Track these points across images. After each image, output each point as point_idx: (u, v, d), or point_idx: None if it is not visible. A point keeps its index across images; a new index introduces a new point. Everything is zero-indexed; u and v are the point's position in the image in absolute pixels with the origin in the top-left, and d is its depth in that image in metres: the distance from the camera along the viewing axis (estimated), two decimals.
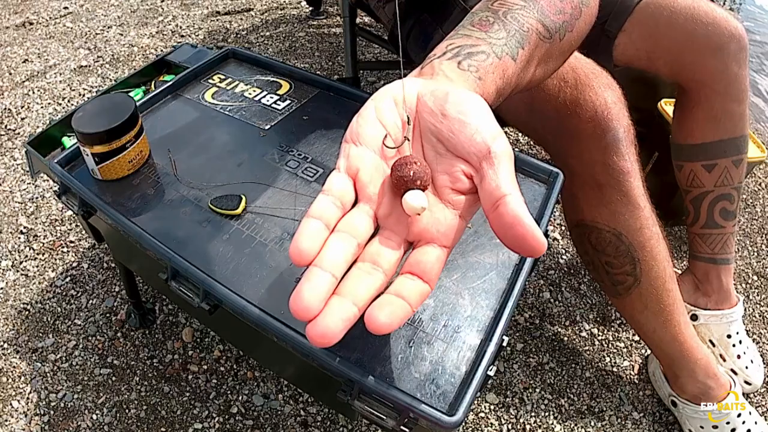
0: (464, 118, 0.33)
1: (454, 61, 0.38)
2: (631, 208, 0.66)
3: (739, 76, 0.78)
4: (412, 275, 0.32)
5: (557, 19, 0.45)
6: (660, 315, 0.71)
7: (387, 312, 0.29)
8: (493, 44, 0.40)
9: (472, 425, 0.79)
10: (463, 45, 0.40)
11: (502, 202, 0.30)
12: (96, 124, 0.57)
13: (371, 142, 0.35)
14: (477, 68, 0.38)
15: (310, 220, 0.30)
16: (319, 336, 0.27)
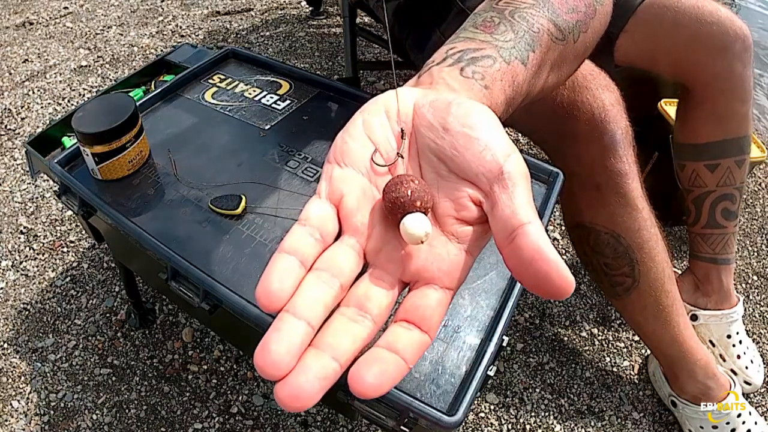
0: (470, 132, 0.28)
1: (456, 67, 0.34)
2: (629, 210, 0.66)
3: (743, 76, 0.78)
4: (407, 323, 0.26)
5: (570, 18, 0.40)
6: (659, 316, 0.71)
7: (376, 371, 0.24)
8: (500, 47, 0.35)
9: (472, 425, 0.79)
10: (466, 49, 0.35)
11: (519, 232, 0.24)
12: (96, 124, 0.57)
13: (359, 161, 0.29)
14: (483, 75, 0.33)
15: (283, 255, 0.25)
16: (290, 398, 0.21)
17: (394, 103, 0.31)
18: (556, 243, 1.07)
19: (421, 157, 0.29)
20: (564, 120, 0.64)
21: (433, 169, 0.29)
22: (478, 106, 0.29)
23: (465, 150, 0.27)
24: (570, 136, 0.64)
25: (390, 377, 0.24)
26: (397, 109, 0.30)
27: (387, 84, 1.45)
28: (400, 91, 0.32)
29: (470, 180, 0.27)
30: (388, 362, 0.24)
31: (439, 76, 0.33)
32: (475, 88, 0.33)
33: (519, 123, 0.71)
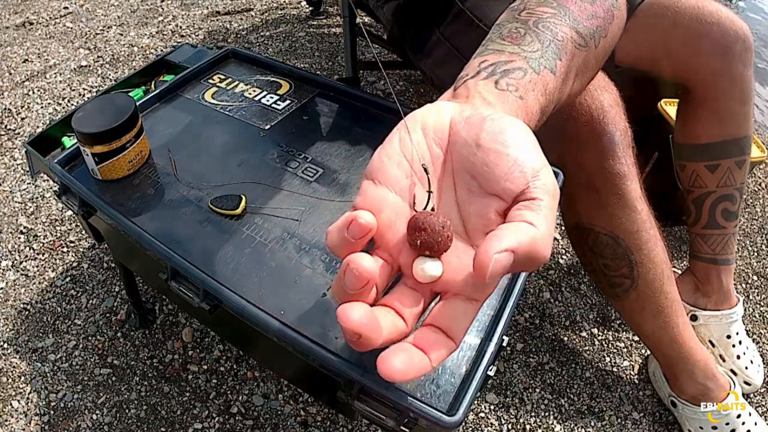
0: (501, 148, 0.29)
1: (490, 80, 0.35)
2: (628, 211, 0.66)
3: (744, 77, 0.78)
4: (435, 328, 0.28)
5: (590, 25, 0.41)
6: (658, 317, 0.71)
7: (404, 358, 0.26)
8: (529, 58, 0.36)
9: (472, 425, 0.79)
10: (497, 62, 0.36)
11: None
12: (96, 124, 0.57)
13: (394, 183, 0.30)
14: (516, 87, 0.34)
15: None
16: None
17: (431, 118, 0.32)
18: (556, 243, 1.07)
19: (456, 174, 0.31)
20: (562, 121, 0.64)
21: (465, 186, 0.30)
22: (512, 122, 0.30)
23: (495, 166, 0.29)
24: (568, 138, 0.64)
25: (414, 368, 0.26)
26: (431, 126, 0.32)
27: (387, 84, 1.45)
28: (439, 105, 0.32)
29: (498, 195, 0.29)
30: (414, 355, 0.26)
31: (475, 90, 0.34)
32: (510, 100, 0.34)
33: None
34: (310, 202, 0.59)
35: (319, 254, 0.54)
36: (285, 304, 0.49)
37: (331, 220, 0.57)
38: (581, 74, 0.42)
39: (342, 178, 0.62)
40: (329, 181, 0.62)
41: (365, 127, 0.69)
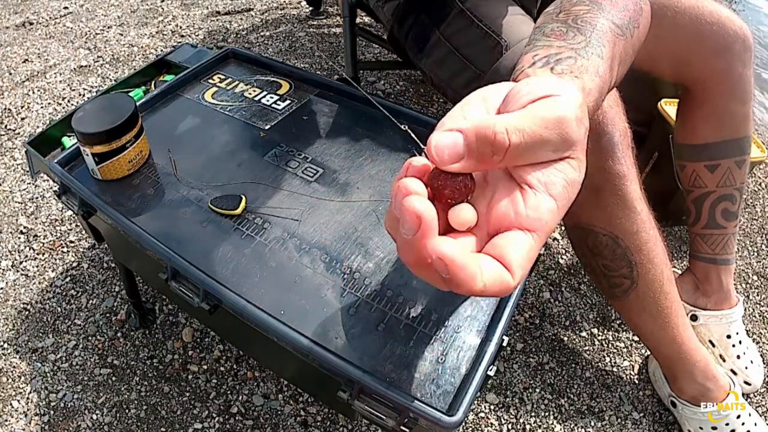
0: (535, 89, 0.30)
1: (546, 68, 0.37)
2: (627, 212, 0.66)
3: (743, 77, 0.78)
4: (490, 257, 0.27)
5: (624, 17, 0.44)
6: (658, 317, 0.71)
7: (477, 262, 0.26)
8: (576, 48, 0.39)
9: (472, 425, 0.79)
10: (549, 54, 0.38)
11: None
12: (96, 124, 0.57)
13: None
14: (571, 70, 0.36)
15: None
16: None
17: (494, 93, 0.32)
18: (556, 243, 1.07)
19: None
20: None
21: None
22: (560, 83, 0.31)
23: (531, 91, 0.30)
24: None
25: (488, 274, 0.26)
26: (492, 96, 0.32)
27: (387, 84, 1.45)
28: (499, 85, 0.33)
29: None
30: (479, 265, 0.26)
31: (533, 75, 0.36)
32: (567, 80, 0.35)
33: None
34: (310, 202, 0.59)
35: (319, 254, 0.54)
36: (285, 304, 0.49)
37: (331, 220, 0.57)
38: (623, 63, 0.45)
39: (342, 178, 0.62)
40: (329, 181, 0.62)
41: (365, 127, 0.69)
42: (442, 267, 0.25)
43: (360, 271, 0.53)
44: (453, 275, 0.25)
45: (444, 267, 0.25)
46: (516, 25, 0.72)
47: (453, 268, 0.25)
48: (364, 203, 0.59)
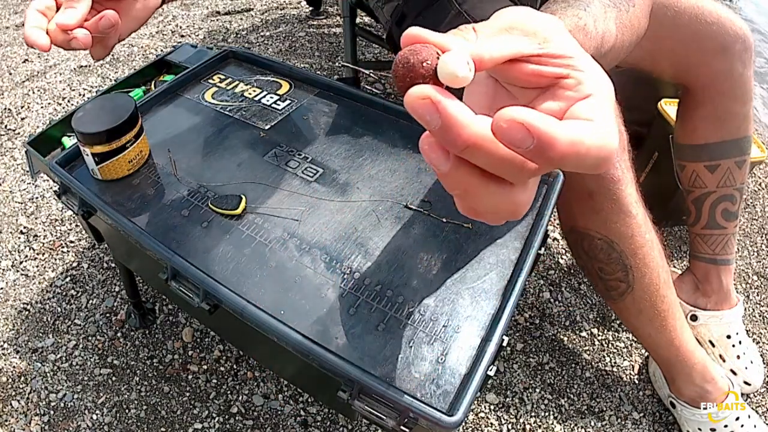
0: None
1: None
2: (622, 216, 0.66)
3: (743, 77, 0.77)
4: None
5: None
6: (655, 320, 0.71)
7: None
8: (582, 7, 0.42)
9: (472, 425, 0.79)
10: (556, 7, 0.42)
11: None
12: (96, 124, 0.57)
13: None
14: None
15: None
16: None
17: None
18: (556, 243, 1.07)
19: None
20: None
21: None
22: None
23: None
24: None
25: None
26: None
27: (387, 84, 1.45)
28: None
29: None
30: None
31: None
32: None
33: None
34: (310, 202, 0.59)
35: (319, 254, 0.54)
36: (285, 304, 0.49)
37: (331, 220, 0.57)
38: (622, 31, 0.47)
39: (342, 178, 0.62)
40: (329, 181, 0.62)
41: (365, 127, 0.69)
42: (520, 132, 0.20)
43: (360, 271, 0.53)
44: (544, 136, 0.20)
45: (525, 131, 0.20)
46: None
47: (539, 125, 0.20)
48: (364, 203, 0.59)
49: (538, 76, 0.26)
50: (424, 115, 0.22)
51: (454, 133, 0.21)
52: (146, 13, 0.49)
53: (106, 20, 0.43)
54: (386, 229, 0.57)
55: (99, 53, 0.46)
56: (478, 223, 0.58)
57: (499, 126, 0.20)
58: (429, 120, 0.22)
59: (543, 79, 0.26)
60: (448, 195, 0.62)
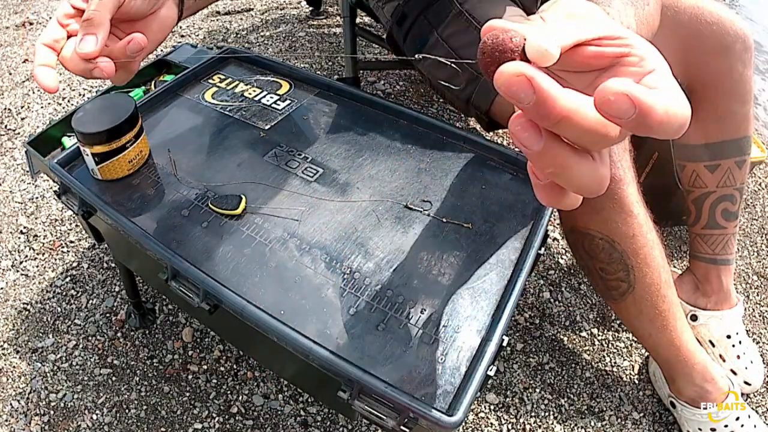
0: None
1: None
2: (624, 216, 0.65)
3: (743, 77, 0.77)
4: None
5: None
6: (655, 320, 0.71)
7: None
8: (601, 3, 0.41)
9: (472, 425, 0.79)
10: None
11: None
12: (96, 124, 0.57)
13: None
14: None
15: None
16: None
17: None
18: (556, 243, 1.07)
19: None
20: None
21: None
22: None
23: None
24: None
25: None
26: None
27: (387, 84, 1.45)
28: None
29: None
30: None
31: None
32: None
33: None
34: (310, 202, 0.59)
35: (319, 254, 0.54)
36: (285, 304, 0.50)
37: (331, 220, 0.57)
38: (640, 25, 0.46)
39: (342, 178, 0.62)
40: (329, 181, 0.62)
41: (365, 127, 0.69)
42: (626, 103, 0.21)
43: (360, 271, 0.53)
44: (644, 105, 0.21)
45: (629, 102, 0.21)
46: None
47: (640, 96, 0.21)
48: (364, 203, 0.59)
49: (600, 57, 0.27)
50: (519, 93, 0.22)
51: (548, 106, 0.22)
52: (162, 35, 0.46)
53: (135, 44, 0.41)
54: (386, 229, 0.57)
55: (122, 78, 0.44)
56: (479, 223, 0.58)
57: (605, 99, 0.21)
58: (523, 97, 0.22)
59: (604, 59, 0.27)
60: (448, 195, 0.62)
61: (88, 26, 0.40)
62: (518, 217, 0.59)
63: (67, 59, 0.41)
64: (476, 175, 0.63)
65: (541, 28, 0.26)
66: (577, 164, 0.24)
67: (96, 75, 0.41)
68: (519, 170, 0.64)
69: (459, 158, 0.65)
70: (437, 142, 0.68)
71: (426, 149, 0.66)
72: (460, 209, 0.59)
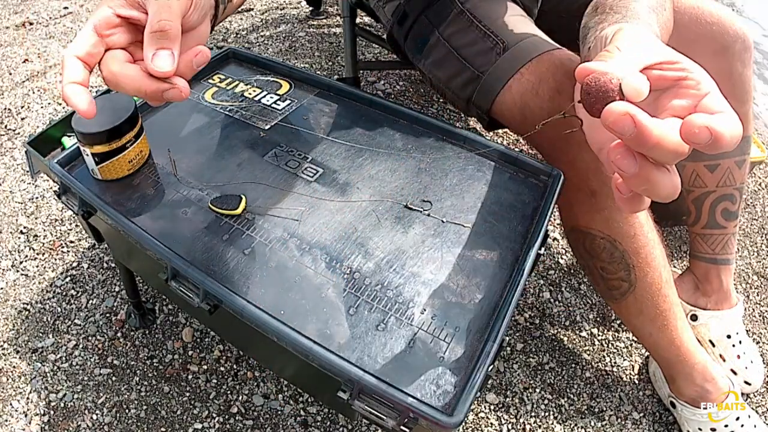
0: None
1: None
2: (625, 215, 0.66)
3: (743, 77, 0.78)
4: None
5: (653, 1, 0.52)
6: (656, 320, 0.71)
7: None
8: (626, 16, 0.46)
9: (472, 425, 0.79)
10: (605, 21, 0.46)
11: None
12: (96, 124, 0.57)
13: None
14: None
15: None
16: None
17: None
18: (556, 243, 1.07)
19: None
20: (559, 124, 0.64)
21: None
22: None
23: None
24: (565, 141, 0.64)
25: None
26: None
27: (387, 84, 1.45)
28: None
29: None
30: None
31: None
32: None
33: (516, 126, 0.71)
34: (310, 202, 0.59)
35: (319, 254, 0.54)
36: (285, 304, 0.50)
37: (331, 220, 0.57)
38: (662, 30, 0.50)
39: (342, 178, 0.62)
40: (329, 181, 0.62)
41: (365, 127, 0.69)
42: (706, 134, 0.27)
43: (360, 271, 0.53)
44: (718, 133, 0.27)
45: (708, 133, 0.27)
46: (515, 26, 0.72)
47: (716, 126, 0.27)
48: (364, 203, 0.59)
49: (662, 80, 0.32)
50: (624, 127, 0.28)
51: (646, 136, 0.28)
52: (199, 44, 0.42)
53: (202, 56, 0.37)
54: (386, 229, 0.57)
55: (176, 97, 0.37)
56: (479, 222, 0.58)
57: (692, 131, 0.27)
58: (627, 130, 0.28)
59: (666, 82, 0.32)
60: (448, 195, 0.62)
61: (163, 39, 0.35)
62: (518, 217, 0.59)
63: (131, 78, 0.35)
64: (476, 175, 0.63)
65: (626, 65, 0.32)
66: (661, 178, 0.30)
67: (169, 96, 0.35)
68: (519, 170, 0.64)
69: (459, 158, 0.65)
70: (437, 142, 0.68)
71: (426, 149, 0.66)
72: (460, 209, 0.59)
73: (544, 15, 0.85)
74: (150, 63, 0.34)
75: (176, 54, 0.35)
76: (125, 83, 0.35)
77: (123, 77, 0.35)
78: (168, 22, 0.35)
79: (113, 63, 0.36)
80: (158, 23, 0.35)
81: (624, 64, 0.32)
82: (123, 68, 0.35)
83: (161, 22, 0.35)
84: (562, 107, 0.63)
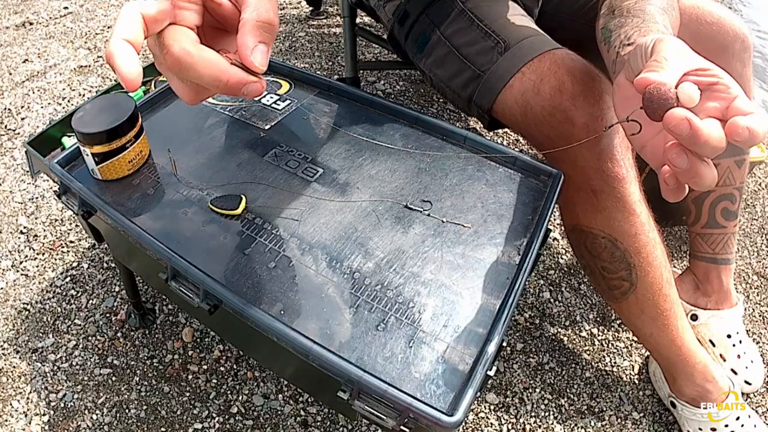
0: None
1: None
2: (626, 215, 0.65)
3: (743, 76, 0.78)
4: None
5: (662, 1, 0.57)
6: (657, 320, 0.71)
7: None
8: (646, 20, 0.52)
9: (472, 425, 0.79)
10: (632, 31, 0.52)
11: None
12: (96, 124, 0.57)
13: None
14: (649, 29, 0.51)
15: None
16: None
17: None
18: (556, 243, 1.07)
19: None
20: (560, 124, 0.64)
21: None
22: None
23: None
24: (566, 140, 0.64)
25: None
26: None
27: (387, 84, 1.45)
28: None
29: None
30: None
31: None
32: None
33: (516, 125, 0.71)
34: (310, 202, 0.59)
35: (319, 254, 0.54)
36: (285, 304, 0.50)
37: (331, 220, 0.57)
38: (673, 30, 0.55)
39: (342, 178, 0.62)
40: (329, 181, 0.62)
41: (365, 127, 0.69)
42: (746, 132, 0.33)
43: (360, 271, 0.53)
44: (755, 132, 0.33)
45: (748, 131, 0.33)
46: (516, 25, 0.72)
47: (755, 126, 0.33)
48: (364, 203, 0.59)
49: (698, 85, 0.36)
50: (682, 129, 0.34)
51: (698, 136, 0.34)
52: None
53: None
54: (386, 229, 0.57)
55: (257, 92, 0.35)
56: (479, 222, 0.58)
57: (736, 131, 0.34)
58: (683, 131, 0.34)
59: (700, 87, 0.36)
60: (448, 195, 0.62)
61: (268, 32, 0.32)
62: (518, 216, 0.59)
63: (213, 64, 0.30)
64: (476, 175, 0.63)
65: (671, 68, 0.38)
66: (705, 170, 0.36)
67: (250, 90, 0.32)
68: (519, 170, 0.64)
69: (459, 158, 0.65)
70: (437, 142, 0.68)
71: (426, 149, 0.66)
72: (460, 209, 0.59)
73: (544, 15, 0.85)
74: (249, 55, 0.31)
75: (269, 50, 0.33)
76: (202, 68, 0.31)
77: (202, 60, 0.31)
78: (275, 16, 0.32)
79: (186, 41, 0.31)
80: (267, 14, 0.32)
81: (673, 73, 0.37)
82: (202, 51, 0.31)
83: (270, 14, 0.32)
84: (562, 106, 0.63)
